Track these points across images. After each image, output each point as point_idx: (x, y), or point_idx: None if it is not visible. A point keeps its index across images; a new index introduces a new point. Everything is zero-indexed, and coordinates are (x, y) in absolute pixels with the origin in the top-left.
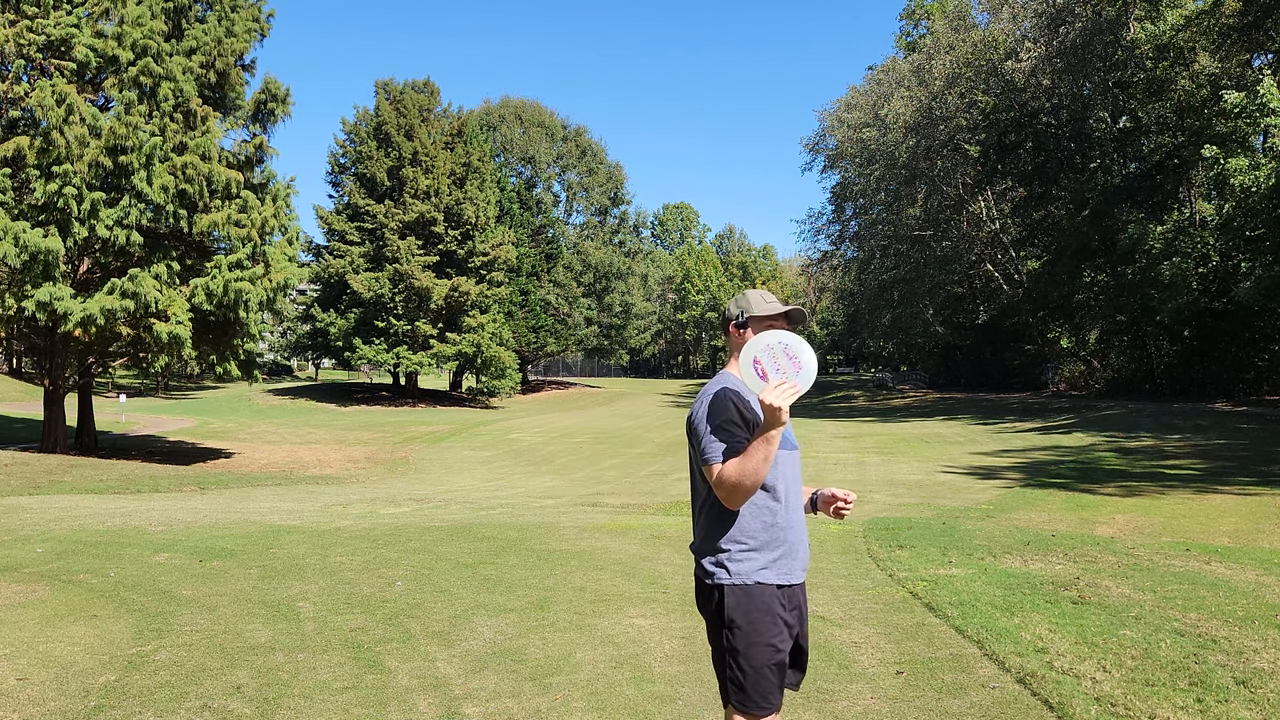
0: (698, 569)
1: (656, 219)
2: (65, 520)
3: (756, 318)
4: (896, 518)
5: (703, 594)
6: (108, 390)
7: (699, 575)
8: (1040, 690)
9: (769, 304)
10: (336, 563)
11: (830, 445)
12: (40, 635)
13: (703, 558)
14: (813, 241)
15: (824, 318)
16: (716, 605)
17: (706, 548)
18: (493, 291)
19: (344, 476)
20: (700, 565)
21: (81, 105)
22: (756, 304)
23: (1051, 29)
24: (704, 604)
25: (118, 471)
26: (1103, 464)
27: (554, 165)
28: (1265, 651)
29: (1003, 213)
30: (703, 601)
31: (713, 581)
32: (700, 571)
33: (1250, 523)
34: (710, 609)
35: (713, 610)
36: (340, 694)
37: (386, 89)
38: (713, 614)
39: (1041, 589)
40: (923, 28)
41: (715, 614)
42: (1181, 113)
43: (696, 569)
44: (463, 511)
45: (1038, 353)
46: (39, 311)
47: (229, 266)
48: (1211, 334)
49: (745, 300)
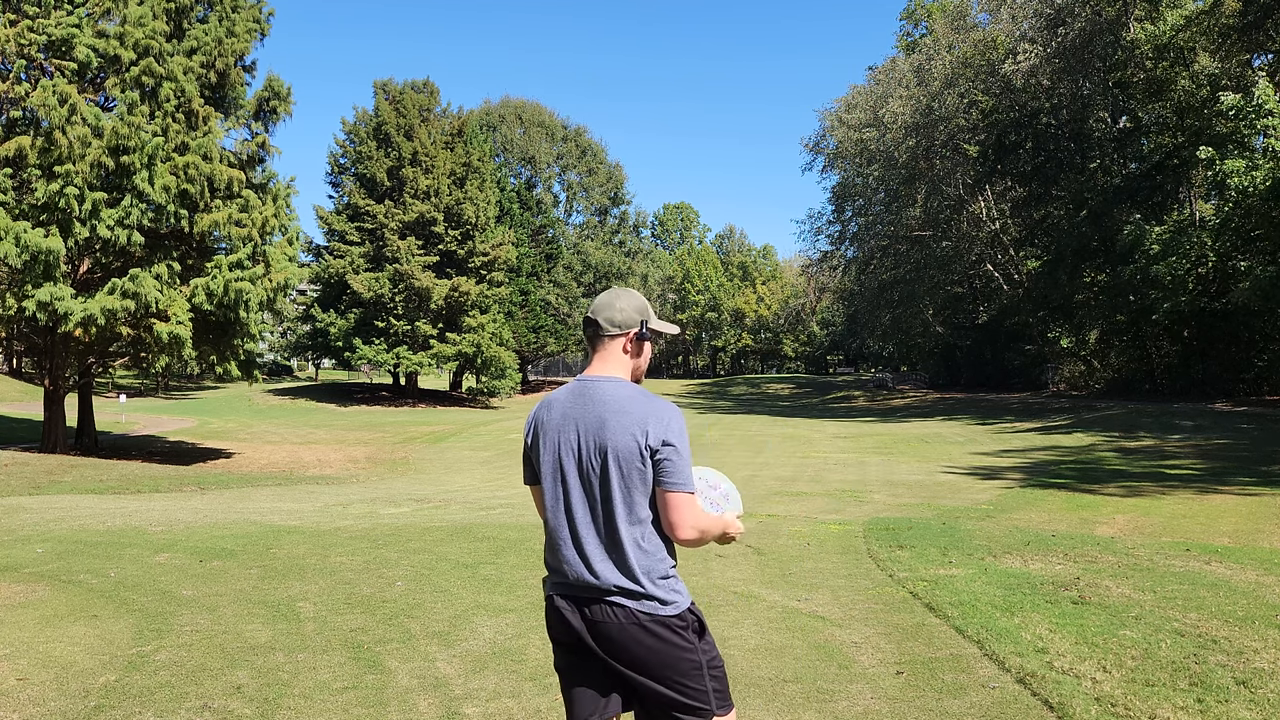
0: (643, 603)
1: (656, 219)
2: (65, 520)
3: (654, 332)
4: (896, 518)
5: (636, 628)
6: (108, 390)
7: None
8: (1040, 690)
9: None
10: (336, 563)
11: (830, 445)
12: (40, 635)
13: (653, 587)
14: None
15: (824, 318)
16: (676, 634)
17: (656, 573)
18: (493, 291)
19: (344, 477)
20: (651, 598)
21: (83, 105)
22: (650, 313)
23: (1051, 29)
24: (637, 637)
25: (118, 472)
26: (1103, 464)
27: (554, 165)
28: (1265, 651)
29: (1003, 213)
30: (635, 636)
31: (679, 610)
32: (651, 606)
33: (1250, 523)
34: (650, 639)
35: (690, 637)
36: (340, 694)
37: (386, 89)
38: (688, 641)
39: (1041, 589)
40: (923, 28)
41: (692, 636)
42: (1181, 113)
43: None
44: (463, 511)
45: (1038, 353)
46: (39, 311)
47: (229, 266)
48: (1211, 334)
49: (645, 306)
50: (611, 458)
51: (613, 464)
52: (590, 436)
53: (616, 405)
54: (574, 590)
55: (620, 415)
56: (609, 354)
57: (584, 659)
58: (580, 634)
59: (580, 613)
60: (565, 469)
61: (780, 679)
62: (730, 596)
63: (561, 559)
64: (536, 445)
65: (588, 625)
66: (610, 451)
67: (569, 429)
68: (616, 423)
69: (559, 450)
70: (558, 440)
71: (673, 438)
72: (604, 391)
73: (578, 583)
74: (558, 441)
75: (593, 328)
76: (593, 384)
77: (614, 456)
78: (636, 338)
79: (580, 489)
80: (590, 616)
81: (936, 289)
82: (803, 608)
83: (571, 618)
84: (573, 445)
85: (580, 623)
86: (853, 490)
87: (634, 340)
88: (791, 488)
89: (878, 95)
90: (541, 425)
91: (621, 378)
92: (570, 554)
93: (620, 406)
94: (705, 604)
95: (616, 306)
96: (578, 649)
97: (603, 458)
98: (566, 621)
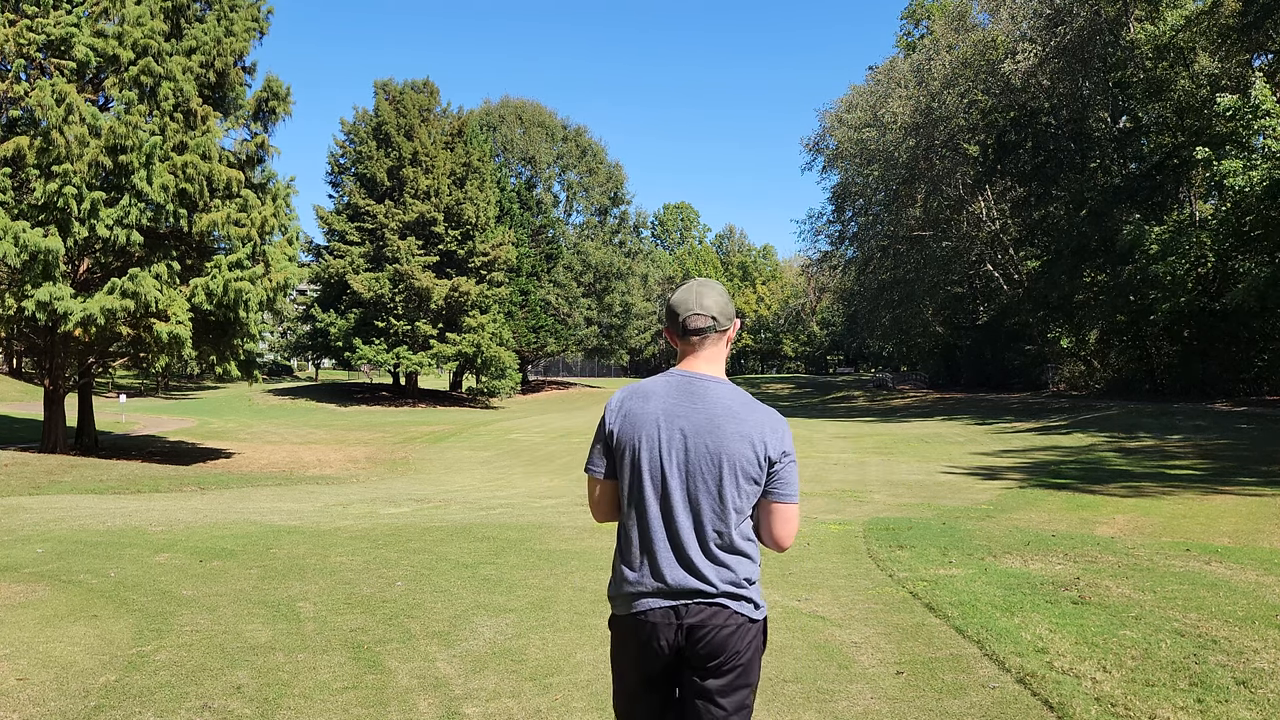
0: (743, 606)
1: (656, 219)
2: (65, 520)
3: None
4: (896, 518)
5: (737, 632)
6: (108, 390)
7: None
8: (1040, 690)
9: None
10: (336, 563)
11: (830, 445)
12: (40, 635)
13: (751, 590)
14: (813, 242)
15: (824, 318)
16: (760, 639)
17: (754, 578)
18: (493, 291)
19: (344, 476)
20: (750, 601)
21: (81, 105)
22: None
23: (1050, 29)
24: (735, 642)
25: (118, 472)
26: (1103, 464)
27: (554, 165)
28: (1265, 651)
29: (1003, 213)
30: (735, 639)
31: (759, 615)
32: (748, 609)
33: (1250, 523)
34: (746, 643)
35: (753, 646)
36: (340, 694)
37: (386, 89)
38: (750, 651)
39: (1041, 589)
40: (923, 28)
41: (755, 650)
42: (1181, 113)
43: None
44: (463, 511)
45: (1038, 353)
46: (39, 311)
47: (229, 266)
48: (1211, 334)
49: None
50: (726, 463)
51: (727, 469)
52: (701, 438)
53: (728, 409)
54: (674, 596)
55: (735, 420)
56: (714, 350)
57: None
58: (676, 645)
59: (678, 620)
60: (666, 468)
61: (780, 679)
62: None
63: (660, 563)
64: (623, 438)
65: (688, 631)
66: (725, 457)
67: (672, 426)
68: (733, 428)
69: (658, 447)
70: (657, 436)
71: (789, 448)
72: (714, 391)
73: (678, 588)
74: (657, 438)
75: (700, 320)
76: (699, 381)
77: (729, 462)
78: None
79: (683, 490)
80: (691, 620)
81: (936, 289)
82: (803, 608)
83: (665, 628)
84: (678, 444)
85: (674, 632)
86: (853, 490)
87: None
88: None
89: (878, 95)
90: (633, 418)
91: (723, 378)
92: (668, 557)
93: (733, 411)
94: None
95: (722, 298)
96: (660, 673)
97: (716, 462)
98: (657, 633)
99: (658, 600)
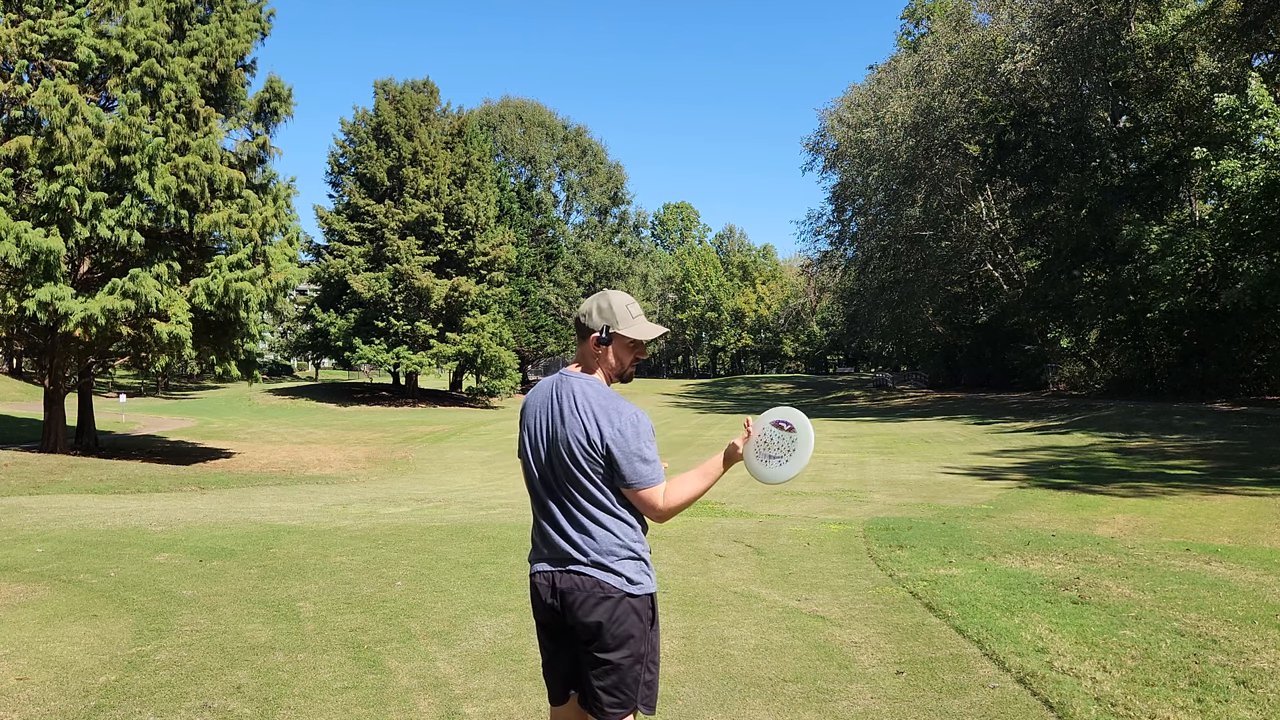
0: (602, 578)
1: (656, 219)
2: (65, 520)
3: (620, 337)
4: (896, 518)
5: (615, 605)
6: (108, 390)
7: (608, 585)
8: (1040, 690)
9: (635, 319)
10: (336, 563)
11: (830, 445)
12: (40, 635)
13: (616, 564)
14: (813, 241)
15: (824, 318)
16: (634, 614)
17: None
18: (493, 291)
19: (344, 476)
20: (613, 574)
21: (84, 105)
22: (622, 316)
23: (1050, 29)
24: (600, 611)
25: (118, 471)
26: (1103, 464)
27: (554, 165)
28: (1265, 651)
29: (1003, 212)
30: (615, 612)
31: (640, 591)
32: (617, 581)
33: (1250, 523)
34: (637, 616)
35: (645, 617)
36: (340, 694)
37: (386, 89)
38: (639, 622)
39: (1041, 589)
40: (924, 27)
41: (646, 620)
42: (1181, 113)
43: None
44: (463, 511)
45: (1037, 353)
46: (40, 311)
47: (229, 266)
48: (1211, 334)
49: (610, 310)
50: (577, 447)
51: (578, 453)
52: (557, 426)
53: (580, 401)
54: (554, 563)
55: (579, 411)
56: (581, 351)
57: (556, 638)
58: (551, 605)
59: (552, 584)
60: (540, 452)
61: (780, 679)
62: (730, 596)
63: (545, 533)
64: (520, 427)
65: (561, 595)
66: (574, 442)
67: (540, 416)
68: (575, 418)
69: (534, 433)
70: (533, 425)
71: (621, 433)
72: (570, 385)
73: (555, 555)
74: (533, 426)
75: (578, 322)
76: (566, 378)
77: (578, 446)
78: (598, 341)
79: (552, 473)
80: (562, 585)
81: (936, 289)
82: (803, 607)
83: (543, 589)
84: (545, 432)
85: (550, 593)
86: (853, 490)
87: (597, 343)
88: (791, 487)
89: (878, 95)
90: (525, 410)
91: (587, 374)
92: (548, 529)
93: (580, 403)
94: (705, 603)
95: (591, 308)
96: (551, 626)
97: (569, 448)
98: (538, 592)
99: (544, 564)
